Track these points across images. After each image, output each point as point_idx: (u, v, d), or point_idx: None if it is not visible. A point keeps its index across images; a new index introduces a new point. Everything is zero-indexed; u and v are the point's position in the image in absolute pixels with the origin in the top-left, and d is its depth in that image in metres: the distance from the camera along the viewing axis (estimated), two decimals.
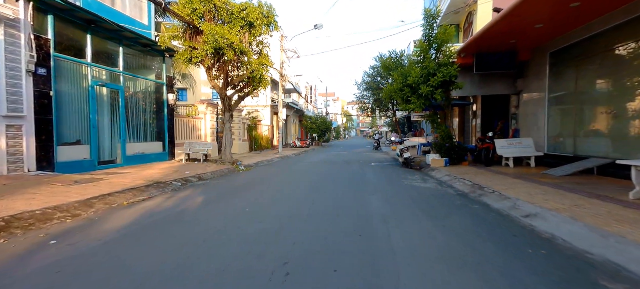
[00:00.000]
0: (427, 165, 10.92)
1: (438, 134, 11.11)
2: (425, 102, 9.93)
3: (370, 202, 5.49)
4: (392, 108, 24.12)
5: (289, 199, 5.86)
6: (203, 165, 11.13)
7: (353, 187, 7.16)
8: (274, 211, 4.87)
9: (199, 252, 3.15)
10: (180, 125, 13.73)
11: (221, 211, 4.94)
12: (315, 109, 47.46)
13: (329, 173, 9.87)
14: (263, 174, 9.70)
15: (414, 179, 8.42)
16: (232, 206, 5.32)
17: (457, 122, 16.85)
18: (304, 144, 29.31)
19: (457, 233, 3.74)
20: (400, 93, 10.59)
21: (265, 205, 5.31)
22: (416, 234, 3.68)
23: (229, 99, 11.62)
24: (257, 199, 5.79)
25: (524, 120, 10.89)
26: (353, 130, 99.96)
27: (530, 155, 9.22)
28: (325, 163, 13.56)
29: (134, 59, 11.46)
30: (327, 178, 8.69)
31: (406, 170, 10.62)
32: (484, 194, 5.82)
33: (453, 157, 10.37)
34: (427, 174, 9.43)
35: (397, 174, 9.55)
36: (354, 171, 10.52)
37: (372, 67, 23.43)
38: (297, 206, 5.18)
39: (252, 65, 10.75)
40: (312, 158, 16.84)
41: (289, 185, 7.58)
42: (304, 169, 11.14)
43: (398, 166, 12.08)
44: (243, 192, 6.61)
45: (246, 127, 20.78)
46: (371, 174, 9.47)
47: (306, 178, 8.78)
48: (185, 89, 24.87)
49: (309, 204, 5.34)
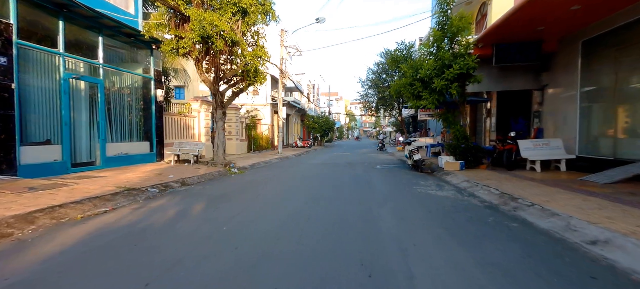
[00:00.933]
0: (439, 168, 9.83)
1: (451, 134, 10.00)
2: (438, 98, 8.83)
3: (379, 217, 4.42)
4: (398, 107, 23.02)
5: (279, 213, 4.80)
6: (192, 167, 10.13)
7: (358, 196, 6.09)
8: (257, 232, 3.83)
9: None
10: (171, 124, 12.75)
11: (192, 230, 3.90)
12: (318, 108, 46.41)
13: (330, 178, 8.81)
14: (257, 179, 8.66)
15: (428, 185, 7.33)
16: (208, 222, 4.28)
17: (468, 122, 15.71)
18: (306, 144, 28.27)
19: (504, 270, 2.66)
20: (410, 88, 9.51)
21: (248, 222, 4.26)
22: (447, 272, 2.61)
23: (222, 95, 10.61)
24: (241, 213, 4.75)
25: (549, 118, 9.75)
26: (356, 130, 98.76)
27: (561, 158, 8.09)
28: (327, 165, 12.50)
29: (118, 51, 10.48)
30: (327, 184, 7.63)
31: (417, 174, 9.53)
32: (519, 208, 4.72)
33: (469, 160, 9.26)
34: (441, 179, 8.33)
35: (407, 179, 8.47)
36: (359, 175, 9.45)
37: (377, 63, 22.38)
38: (288, 225, 4.13)
39: (246, 58, 9.72)
40: (312, 160, 15.79)
41: (282, 193, 6.53)
42: (303, 173, 10.09)
43: (407, 169, 10.99)
44: (227, 202, 5.57)
45: (244, 127, 19.78)
46: (378, 179, 8.40)
47: (304, 184, 7.73)
48: (182, 87, 23.95)
49: (303, 221, 4.28)
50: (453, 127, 9.71)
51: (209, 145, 15.00)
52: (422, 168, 10.03)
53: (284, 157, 16.99)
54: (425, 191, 6.60)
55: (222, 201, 5.61)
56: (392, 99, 21.63)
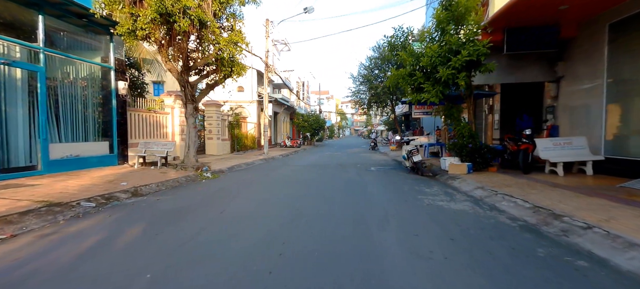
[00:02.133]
0: (442, 171, 8.62)
1: (456, 133, 8.79)
2: (443, 90, 7.60)
3: (384, 250, 3.11)
4: (391, 103, 21.83)
5: (242, 242, 3.45)
6: (157, 172, 8.66)
7: (351, 211, 4.78)
8: (199, 280, 2.47)
9: None
10: (138, 121, 11.22)
11: (98, 277, 2.51)
12: (308, 106, 45.05)
13: (317, 183, 7.49)
14: (229, 186, 7.27)
15: (435, 193, 6.08)
16: (133, 260, 2.90)
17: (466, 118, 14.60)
18: (295, 143, 26.89)
19: None
20: (410, 79, 8.25)
21: (191, 262, 2.90)
22: None
23: (192, 88, 9.15)
24: (189, 243, 3.38)
25: (565, 114, 8.64)
26: (347, 129, 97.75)
27: (587, 160, 6.95)
28: (315, 167, 11.18)
29: (70, 35, 8.93)
30: (313, 193, 6.30)
31: (417, 178, 8.29)
32: (570, 230, 3.48)
33: (477, 162, 8.07)
34: (448, 185, 7.10)
35: (408, 184, 7.21)
36: (351, 179, 8.15)
37: (369, 58, 21.11)
38: (249, 268, 2.78)
39: (220, 44, 8.30)
40: (300, 160, 14.44)
41: (255, 208, 5.17)
42: (287, 177, 8.74)
43: (404, 171, 9.76)
44: (177, 223, 4.18)
45: (227, 125, 18.29)
46: (374, 185, 7.12)
47: (284, 192, 6.39)
48: (161, 83, 22.30)
49: (274, 258, 2.94)
50: (458, 125, 8.50)
51: (183, 145, 13.48)
52: (423, 171, 8.80)
53: (270, 158, 15.60)
54: (434, 202, 5.33)
55: (171, 221, 4.22)
56: (385, 96, 20.42)
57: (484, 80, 9.17)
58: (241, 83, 23.71)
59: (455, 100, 8.91)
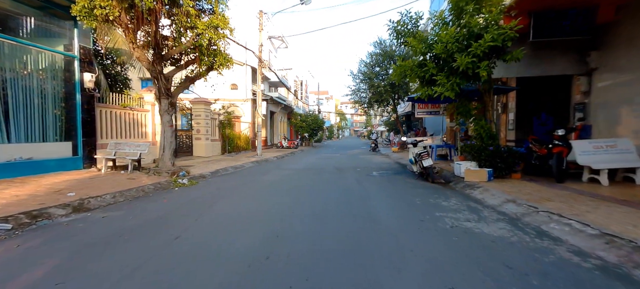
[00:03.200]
0: (457, 178, 7.42)
1: (471, 133, 7.58)
2: (460, 83, 6.37)
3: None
4: (393, 102, 20.62)
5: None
6: (125, 178, 7.43)
7: (351, 239, 3.55)
8: None
9: None
10: (111, 119, 9.97)
11: None
12: (306, 106, 43.82)
13: (310, 194, 6.26)
14: (204, 196, 6.05)
15: (454, 207, 4.86)
16: None
17: None
18: (292, 144, 25.65)
19: None
20: (420, 71, 7.04)
21: None
22: None
23: (166, 80, 7.92)
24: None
25: (601, 112, 7.44)
26: (347, 130, 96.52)
27: (637, 166, 5.73)
28: (310, 172, 9.95)
29: (24, 19, 7.71)
30: (303, 209, 5.07)
31: (428, 186, 7.08)
32: None
33: (499, 167, 6.86)
34: (468, 195, 5.88)
35: (419, 195, 5.98)
36: (350, 188, 6.93)
37: (370, 54, 19.91)
38: None
39: (198, 28, 7.08)
40: (295, 163, 13.21)
41: (221, 232, 3.94)
42: (275, 184, 7.52)
43: (411, 176, 8.54)
44: (105, 257, 2.95)
45: (217, 125, 17.05)
46: (378, 196, 5.90)
47: (266, 207, 5.16)
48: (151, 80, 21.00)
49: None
50: (476, 124, 7.28)
51: None
52: (434, 177, 7.58)
53: (263, 160, 14.38)
54: (458, 222, 4.11)
55: (95, 255, 2.98)
56: (387, 94, 19.21)
57: (503, 72, 7.98)
58: (234, 80, 22.49)
59: (470, 95, 7.71)
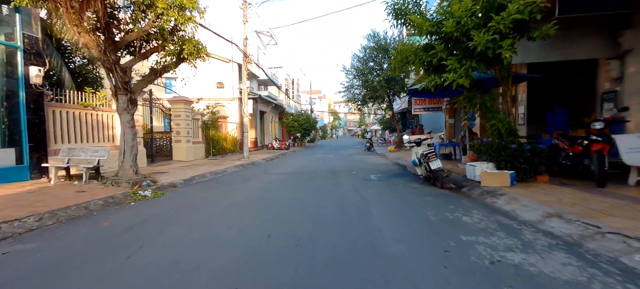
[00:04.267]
0: (470, 182, 6.30)
1: (489, 129, 6.46)
2: (476, 67, 5.23)
3: None
4: (389, 99, 19.52)
5: None
6: (75, 190, 6.15)
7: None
8: None
9: None
10: (69, 121, 8.63)
11: None
12: (298, 105, 42.55)
13: (295, 208, 5.06)
14: (162, 215, 4.81)
15: (484, 228, 3.71)
16: None
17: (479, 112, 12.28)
18: (283, 145, 24.40)
19: None
20: (426, 55, 5.88)
21: None
22: None
23: (123, 72, 6.64)
24: None
25: (635, 101, 6.37)
26: (340, 129, 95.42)
27: None
28: (300, 176, 8.75)
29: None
30: (284, 232, 3.88)
31: (438, 193, 5.93)
32: None
33: (522, 169, 5.74)
34: (490, 206, 4.73)
35: (432, 208, 4.83)
36: (346, 198, 5.75)
37: (364, 47, 18.77)
38: None
39: (158, 7, 5.82)
40: (284, 166, 11.99)
41: (157, 283, 2.73)
42: (255, 194, 6.30)
43: (415, 180, 7.41)
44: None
45: (201, 125, 15.73)
46: (382, 212, 4.73)
47: (233, 234, 3.94)
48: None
49: None
50: (493, 118, 6.15)
51: (139, 150, 10.90)
52: (443, 182, 6.43)
53: (249, 163, 13.13)
54: (497, 252, 2.94)
55: None
56: (382, 90, 18.09)
57: (519, 57, 6.85)
58: (220, 78, 21.16)
59: (484, 85, 6.59)
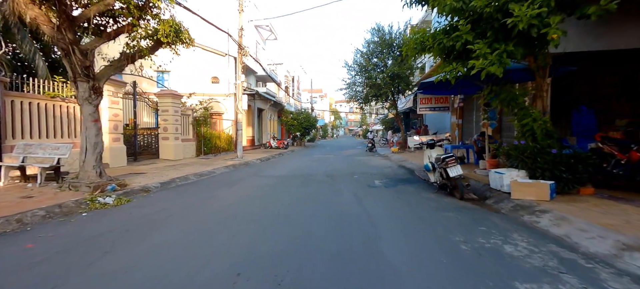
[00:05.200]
0: (496, 192, 5.24)
1: (518, 129, 5.40)
2: (513, 50, 4.15)
3: None
4: (392, 97, 18.42)
5: None
6: (21, 195, 5.10)
7: None
8: None
9: None
10: (31, 113, 7.58)
11: None
12: (298, 103, 41.47)
13: (282, 225, 4.00)
14: (110, 234, 3.76)
15: (541, 267, 2.64)
16: None
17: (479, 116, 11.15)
18: (281, 144, 23.33)
19: None
20: (447, 39, 4.81)
21: None
22: None
23: (84, 55, 5.57)
24: None
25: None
26: (341, 129, 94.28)
27: None
28: (294, 180, 7.69)
29: None
30: (261, 267, 2.81)
31: (459, 207, 4.87)
32: None
33: (563, 179, 4.67)
34: (534, 228, 3.66)
35: (459, 230, 3.76)
36: (346, 212, 4.69)
37: (368, 42, 17.69)
38: None
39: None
40: (279, 168, 10.93)
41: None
42: (238, 206, 5.24)
43: (425, 187, 6.34)
44: None
45: (191, 122, 14.68)
46: (393, 235, 3.66)
47: (192, 270, 2.89)
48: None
49: None
50: (525, 116, 5.08)
51: (117, 148, 9.86)
52: (463, 192, 5.35)
53: (242, 163, 12.07)
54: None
55: None
56: (386, 88, 16.98)
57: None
58: (215, 73, 20.08)
59: (513, 77, 5.52)
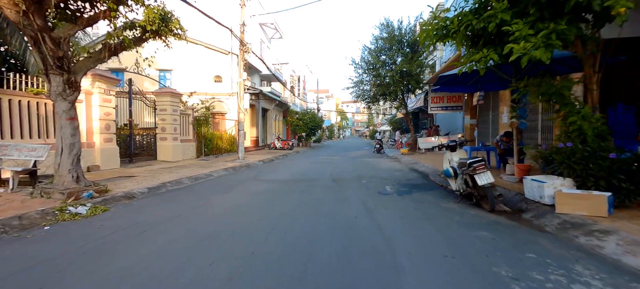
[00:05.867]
0: (534, 204, 4.40)
1: (561, 128, 4.55)
2: (566, 32, 3.32)
3: None
4: (402, 96, 17.54)
5: None
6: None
7: None
8: None
9: None
10: (12, 111, 6.96)
11: None
12: (304, 104, 40.74)
13: (275, 248, 3.24)
14: (64, 258, 3.05)
15: None
16: None
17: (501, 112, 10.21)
18: (286, 145, 22.61)
19: None
20: (476, 20, 3.99)
21: None
22: None
23: (56, 44, 4.88)
24: None
25: None
26: (348, 129, 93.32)
27: None
28: (296, 186, 6.92)
29: None
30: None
31: (491, 222, 4.05)
32: None
33: (623, 189, 3.81)
34: (601, 256, 2.84)
35: (501, 256, 2.96)
36: (355, 228, 3.92)
37: (376, 38, 16.85)
38: None
39: None
40: (282, 171, 10.18)
41: None
42: (225, 219, 4.50)
43: (443, 195, 5.51)
44: None
45: (192, 122, 14.04)
46: (420, 269, 2.88)
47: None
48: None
49: None
50: (570, 113, 4.24)
51: (109, 149, 9.21)
52: (494, 203, 4.52)
53: (243, 165, 11.38)
54: None
55: None
56: (395, 86, 16.10)
57: (605, 31, 4.88)
58: (218, 72, 19.46)
59: (554, 69, 4.67)
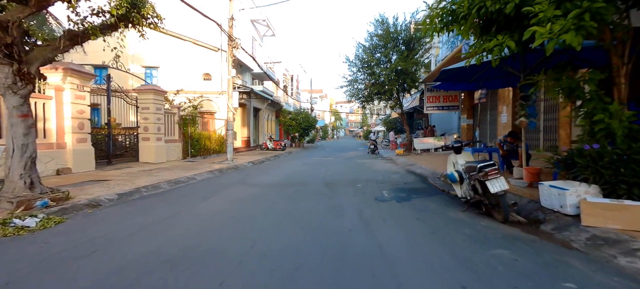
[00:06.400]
0: (553, 214, 3.86)
1: (583, 127, 4.02)
2: (603, 10, 2.78)
3: None
4: (397, 95, 17.01)
5: None
6: None
7: None
8: None
9: None
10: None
11: None
12: (297, 103, 40.06)
13: (252, 276, 2.62)
14: None
15: None
16: None
17: (509, 110, 9.77)
18: (278, 145, 21.92)
19: None
20: (493, 3, 3.42)
21: None
22: None
23: (2, 29, 4.18)
24: None
25: None
26: (342, 130, 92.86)
27: None
28: (285, 191, 6.30)
29: None
30: None
31: (512, 240, 3.49)
32: None
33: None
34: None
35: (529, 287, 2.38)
36: (349, 248, 3.33)
37: (370, 35, 16.29)
38: None
39: None
40: (271, 173, 9.53)
41: None
42: (198, 234, 3.87)
43: (450, 202, 4.95)
44: None
45: (177, 121, 13.30)
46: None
47: None
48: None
49: None
50: (598, 110, 3.72)
51: (82, 150, 8.46)
52: (508, 213, 3.96)
53: (231, 167, 10.73)
54: None
55: None
56: (390, 84, 15.56)
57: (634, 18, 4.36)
58: (207, 69, 18.70)
59: (577, 62, 4.15)
